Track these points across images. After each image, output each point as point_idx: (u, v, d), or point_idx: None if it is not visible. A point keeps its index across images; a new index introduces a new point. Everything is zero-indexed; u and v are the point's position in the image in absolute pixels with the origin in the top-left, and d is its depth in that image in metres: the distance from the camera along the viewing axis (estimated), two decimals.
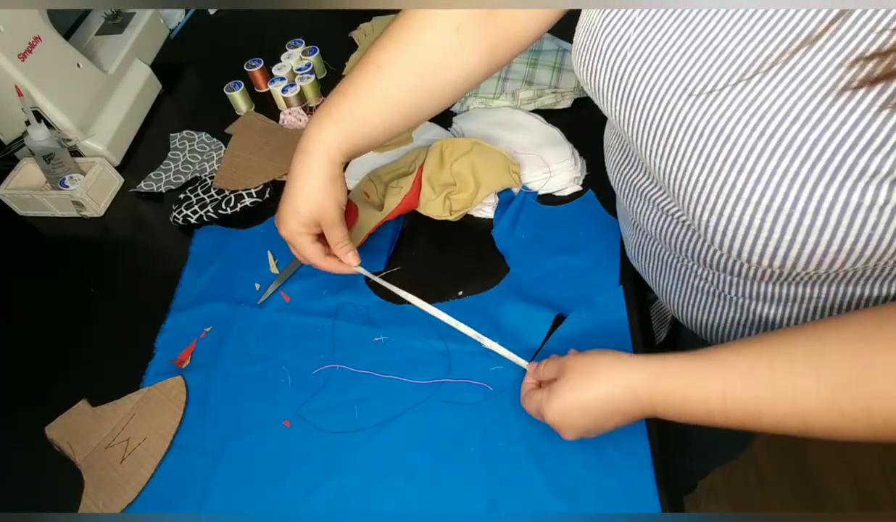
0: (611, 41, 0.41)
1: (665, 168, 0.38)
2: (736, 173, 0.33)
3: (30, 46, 0.78)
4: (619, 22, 0.41)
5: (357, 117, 0.51)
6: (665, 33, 0.38)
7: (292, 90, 0.88)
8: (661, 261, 0.53)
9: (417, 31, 0.51)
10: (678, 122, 0.37)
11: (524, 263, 0.65)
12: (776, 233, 0.34)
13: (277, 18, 1.09)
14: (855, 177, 0.30)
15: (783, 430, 0.37)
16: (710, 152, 0.34)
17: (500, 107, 0.81)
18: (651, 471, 0.50)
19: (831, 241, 0.33)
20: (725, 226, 0.35)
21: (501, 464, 0.52)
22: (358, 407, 0.57)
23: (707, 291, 0.49)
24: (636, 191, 0.49)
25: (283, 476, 0.54)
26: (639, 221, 0.51)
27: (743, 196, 0.34)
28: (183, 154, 0.86)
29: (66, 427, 0.60)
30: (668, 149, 0.38)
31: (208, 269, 0.71)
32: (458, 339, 0.60)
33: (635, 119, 0.40)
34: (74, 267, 0.77)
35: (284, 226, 0.53)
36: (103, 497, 0.54)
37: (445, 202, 0.69)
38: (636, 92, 0.40)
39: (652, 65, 0.38)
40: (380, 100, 0.51)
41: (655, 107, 0.38)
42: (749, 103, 0.33)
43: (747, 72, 0.33)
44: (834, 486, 1.24)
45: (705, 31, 0.36)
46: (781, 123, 0.32)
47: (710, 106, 0.35)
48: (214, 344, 0.64)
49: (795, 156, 0.31)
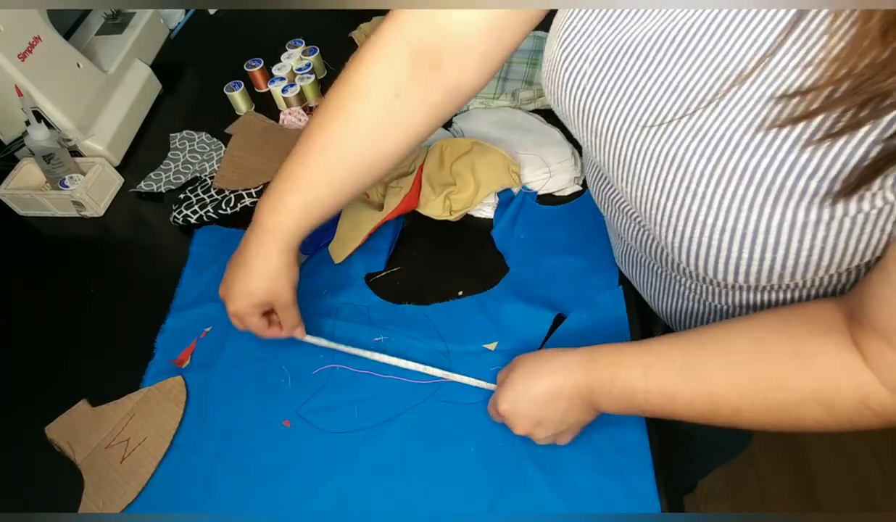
0: (570, 75, 0.42)
1: (631, 192, 0.40)
2: (690, 198, 0.35)
3: (30, 46, 0.78)
4: (576, 56, 0.42)
5: (309, 204, 0.51)
6: (618, 67, 0.39)
7: (292, 90, 0.88)
8: (646, 268, 0.54)
9: (355, 102, 0.50)
10: (637, 152, 0.38)
11: (524, 263, 0.65)
12: (734, 252, 0.36)
13: (277, 18, 1.09)
14: (797, 199, 0.32)
15: (696, 411, 0.40)
16: (667, 179, 0.36)
17: (500, 107, 0.81)
18: (651, 471, 0.50)
19: (786, 257, 0.35)
20: (688, 247, 0.37)
21: (501, 464, 0.52)
22: (358, 407, 0.57)
23: (692, 298, 0.50)
24: (615, 207, 0.50)
25: (283, 476, 0.54)
26: (620, 233, 0.53)
27: (699, 220, 0.35)
28: (183, 154, 0.86)
29: (66, 427, 0.60)
30: (631, 175, 0.39)
31: (208, 269, 0.71)
32: (458, 339, 0.60)
33: (601, 147, 0.42)
34: (74, 268, 0.77)
35: (234, 303, 0.54)
36: (103, 497, 0.54)
37: (445, 202, 0.69)
38: (598, 122, 0.41)
39: (609, 97, 0.40)
40: (326, 184, 0.51)
41: (616, 136, 0.40)
42: (697, 132, 0.35)
43: (693, 104, 0.35)
44: (834, 486, 1.24)
45: (654, 65, 0.37)
46: (725, 151, 0.33)
47: (663, 136, 0.36)
48: (214, 345, 0.64)
49: (741, 181, 0.33)
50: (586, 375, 0.45)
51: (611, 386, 0.44)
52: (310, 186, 0.51)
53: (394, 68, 0.49)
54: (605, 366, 0.44)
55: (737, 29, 0.33)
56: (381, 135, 0.51)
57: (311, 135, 0.51)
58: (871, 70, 0.28)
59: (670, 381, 0.41)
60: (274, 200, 0.52)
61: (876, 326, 0.33)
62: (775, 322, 0.38)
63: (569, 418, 0.47)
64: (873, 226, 0.33)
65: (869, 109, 0.29)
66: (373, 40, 0.50)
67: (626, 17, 0.39)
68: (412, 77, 0.49)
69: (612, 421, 0.51)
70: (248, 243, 0.53)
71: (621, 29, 0.39)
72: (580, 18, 0.42)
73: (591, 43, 0.41)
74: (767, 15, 0.32)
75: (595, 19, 0.41)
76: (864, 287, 0.34)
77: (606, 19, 0.40)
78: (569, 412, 0.47)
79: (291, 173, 0.51)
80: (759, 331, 0.39)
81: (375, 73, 0.49)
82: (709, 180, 0.34)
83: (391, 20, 0.49)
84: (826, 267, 0.35)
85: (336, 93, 0.50)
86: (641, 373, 0.42)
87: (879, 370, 0.34)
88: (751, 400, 0.38)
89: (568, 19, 0.43)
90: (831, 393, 0.35)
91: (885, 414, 0.35)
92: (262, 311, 0.56)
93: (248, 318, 0.55)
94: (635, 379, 0.42)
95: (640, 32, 0.38)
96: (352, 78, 0.50)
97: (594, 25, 0.41)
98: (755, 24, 0.33)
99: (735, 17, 0.34)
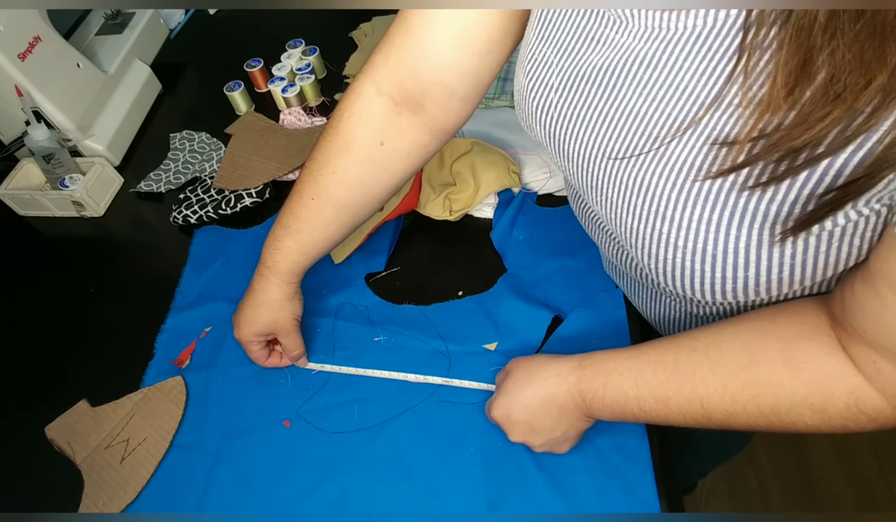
0: (537, 104, 0.43)
1: (606, 215, 0.41)
2: (661, 221, 0.36)
3: (30, 46, 0.78)
4: (541, 86, 0.42)
5: (304, 246, 0.54)
6: (581, 95, 0.39)
7: (292, 90, 0.88)
8: (631, 281, 0.54)
9: (340, 156, 0.51)
10: (608, 178, 0.39)
11: (522, 264, 0.65)
12: (707, 272, 0.36)
13: (277, 18, 1.09)
14: (760, 220, 0.33)
15: (690, 417, 0.40)
16: (637, 203, 0.37)
17: (500, 107, 0.81)
18: (651, 471, 0.50)
19: (758, 274, 0.35)
20: (664, 268, 0.38)
21: (501, 464, 0.52)
22: (358, 407, 0.57)
23: (677, 308, 0.50)
24: (595, 225, 0.51)
25: (283, 476, 0.54)
26: (602, 250, 0.53)
27: (671, 242, 0.36)
28: (183, 154, 0.86)
29: (66, 427, 0.60)
30: (605, 200, 0.40)
31: (208, 269, 0.71)
32: (458, 339, 0.60)
33: (574, 172, 0.42)
34: (74, 268, 0.77)
35: (239, 330, 0.58)
36: (103, 497, 0.54)
37: (445, 202, 0.69)
38: (569, 149, 0.41)
39: (576, 125, 0.40)
40: (320, 228, 0.54)
41: (588, 163, 0.40)
42: (661, 159, 0.35)
43: (658, 137, 0.35)
44: (834, 486, 1.24)
45: (614, 94, 0.37)
46: (689, 175, 0.34)
47: (630, 165, 0.37)
48: (214, 345, 0.64)
49: (706, 204, 0.34)
50: (578, 382, 0.45)
51: (603, 392, 0.44)
52: (305, 231, 0.54)
53: (374, 119, 0.50)
54: (597, 373, 0.45)
55: (686, 60, 0.33)
56: (370, 182, 0.52)
57: (302, 187, 0.53)
58: (784, 129, 0.29)
59: (662, 387, 0.41)
60: (273, 242, 0.55)
61: (864, 337, 0.33)
62: (763, 324, 0.39)
63: (562, 425, 0.47)
64: (840, 242, 0.33)
65: (785, 166, 0.30)
66: (352, 92, 0.51)
67: (579, 47, 0.39)
68: (394, 124, 0.51)
69: (612, 422, 0.51)
70: (254, 280, 0.57)
71: (577, 58, 0.39)
72: (539, 50, 0.42)
73: (552, 72, 0.41)
74: (714, 46, 0.32)
75: (552, 50, 0.41)
76: (847, 295, 0.34)
77: (562, 49, 0.40)
78: (562, 419, 0.47)
79: (286, 222, 0.54)
80: (748, 334, 0.39)
81: (358, 126, 0.50)
82: (675, 204, 0.35)
83: (365, 73, 0.50)
84: (800, 281, 0.35)
85: (322, 147, 0.52)
86: (633, 380, 0.42)
87: (869, 375, 0.34)
88: (743, 405, 0.38)
89: (529, 51, 0.43)
90: (824, 398, 0.35)
91: (879, 418, 0.35)
92: (265, 340, 0.59)
93: (250, 345, 0.58)
94: (627, 385, 0.42)
95: (594, 61, 0.38)
96: (336, 130, 0.51)
97: (551, 56, 0.41)
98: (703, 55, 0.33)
99: (683, 49, 0.33)
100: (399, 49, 0.48)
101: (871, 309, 0.32)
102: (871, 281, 0.32)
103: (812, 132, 0.28)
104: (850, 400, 0.35)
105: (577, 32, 0.39)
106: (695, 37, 0.33)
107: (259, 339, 0.58)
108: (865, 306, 0.33)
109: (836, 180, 0.30)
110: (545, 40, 0.42)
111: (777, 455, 1.29)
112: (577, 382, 0.45)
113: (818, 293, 0.39)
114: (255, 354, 0.59)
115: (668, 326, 0.53)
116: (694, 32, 0.33)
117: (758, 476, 1.27)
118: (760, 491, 1.25)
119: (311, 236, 0.54)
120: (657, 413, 0.42)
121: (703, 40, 0.33)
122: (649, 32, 0.35)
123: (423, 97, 0.49)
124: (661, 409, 0.41)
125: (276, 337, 0.59)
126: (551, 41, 0.41)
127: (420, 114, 0.51)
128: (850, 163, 0.29)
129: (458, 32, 0.45)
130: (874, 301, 0.32)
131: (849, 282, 0.34)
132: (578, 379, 0.45)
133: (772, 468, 1.27)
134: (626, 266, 0.50)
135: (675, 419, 0.41)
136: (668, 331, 0.55)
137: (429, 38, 0.46)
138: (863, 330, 0.33)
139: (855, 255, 0.34)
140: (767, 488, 1.26)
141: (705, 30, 0.32)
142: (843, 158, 0.29)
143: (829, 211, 0.30)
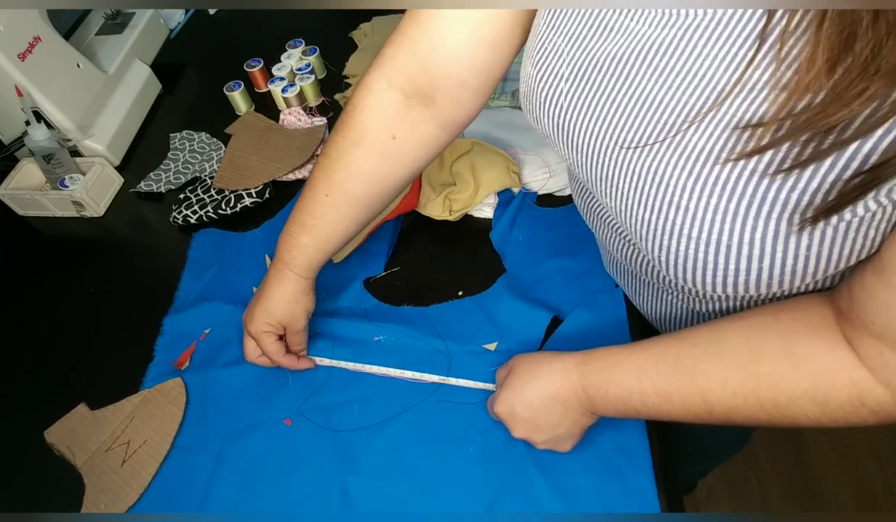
0: (546, 94, 0.42)
1: (615, 208, 0.40)
2: (674, 212, 0.35)
3: (30, 46, 0.78)
4: (550, 75, 0.42)
5: (319, 242, 0.55)
6: (593, 85, 0.39)
7: (292, 90, 0.88)
8: (633, 278, 0.54)
9: (353, 151, 0.51)
10: (619, 169, 0.38)
11: (522, 265, 0.65)
12: (720, 264, 0.35)
13: (277, 18, 1.09)
14: (779, 210, 0.32)
15: (692, 411, 0.40)
16: (650, 194, 0.36)
17: (500, 107, 0.81)
18: (651, 471, 0.50)
19: (772, 267, 0.34)
20: (675, 261, 0.37)
21: (501, 464, 0.52)
22: (358, 406, 0.57)
23: (680, 306, 0.50)
24: (601, 220, 0.50)
25: (283, 476, 0.54)
26: (607, 246, 0.53)
27: (684, 233, 0.35)
28: (183, 154, 0.86)
29: (65, 431, 0.59)
30: (615, 191, 0.39)
31: (207, 271, 0.71)
32: (458, 339, 0.60)
33: (583, 164, 0.42)
34: (74, 268, 0.77)
35: (253, 323, 0.57)
36: (104, 500, 0.54)
37: (445, 202, 0.69)
38: (578, 140, 0.41)
39: (587, 115, 0.40)
40: (335, 223, 0.54)
41: (598, 155, 0.40)
42: (677, 148, 0.35)
43: (673, 125, 0.35)
44: (834, 486, 1.24)
45: (627, 83, 0.37)
46: (706, 164, 0.33)
47: (645, 154, 0.36)
48: (214, 346, 0.64)
49: (722, 193, 0.33)
50: (582, 378, 0.45)
51: (606, 388, 0.44)
52: (320, 227, 0.54)
53: (386, 113, 0.50)
54: (600, 369, 0.45)
55: (705, 47, 0.33)
56: (383, 175, 0.53)
57: (316, 183, 0.53)
58: (816, 108, 0.28)
59: (665, 382, 0.41)
60: (288, 239, 0.55)
61: (872, 329, 0.33)
62: (766, 320, 0.39)
63: (566, 421, 0.47)
64: (856, 233, 0.32)
65: (811, 149, 0.30)
66: (363, 86, 0.51)
67: (591, 35, 0.39)
68: (405, 117, 0.51)
69: (612, 422, 0.51)
70: (269, 274, 0.57)
71: (589, 47, 0.39)
72: (549, 39, 0.42)
73: (563, 61, 0.41)
74: (735, 32, 0.32)
75: (562, 39, 0.41)
76: (855, 287, 0.34)
77: (573, 38, 0.40)
78: (566, 415, 0.47)
79: (301, 219, 0.54)
80: (750, 330, 0.39)
81: (370, 120, 0.51)
82: (691, 193, 0.34)
83: (375, 67, 0.50)
84: (812, 274, 0.35)
85: (335, 143, 0.52)
86: (635, 375, 0.42)
87: (874, 368, 0.34)
88: (745, 399, 0.38)
89: (538, 40, 0.43)
90: (826, 392, 0.35)
91: (881, 411, 0.35)
92: (278, 334, 0.58)
93: (265, 338, 0.57)
94: (630, 380, 0.43)
95: (607, 50, 0.38)
96: (348, 125, 0.51)
97: (562, 45, 0.41)
98: (723, 41, 0.33)
99: (702, 36, 0.33)
100: (410, 41, 0.48)
101: (882, 300, 0.32)
102: (882, 272, 0.32)
103: (849, 108, 0.27)
104: (853, 392, 0.35)
105: (588, 20, 0.39)
106: (715, 22, 0.33)
107: (273, 331, 0.57)
108: (876, 297, 0.32)
109: (864, 166, 0.29)
110: (555, 29, 0.41)
111: (777, 455, 1.29)
112: (581, 378, 0.45)
113: (825, 288, 0.39)
114: (270, 347, 0.58)
115: (670, 324, 0.53)
116: (714, 18, 0.33)
117: (758, 476, 1.27)
118: (760, 491, 1.25)
119: (326, 232, 0.54)
120: (660, 408, 0.42)
121: (723, 26, 0.32)
122: (666, 19, 0.35)
123: (434, 90, 0.49)
124: (664, 404, 0.41)
125: (283, 333, 0.59)
126: (562, 30, 0.41)
127: (431, 107, 0.50)
128: (878, 148, 0.28)
129: (470, 25, 0.45)
130: (885, 291, 0.32)
131: (857, 274, 0.34)
132: (582, 375, 0.45)
133: (772, 468, 1.27)
134: (631, 261, 0.50)
135: (677, 413, 0.41)
136: (670, 330, 0.54)
137: (440, 31, 0.46)
138: (871, 321, 0.33)
139: (868, 247, 0.33)
140: (767, 488, 1.26)
141: (726, 15, 0.32)
142: (871, 143, 0.28)
143: (854, 198, 0.30)
